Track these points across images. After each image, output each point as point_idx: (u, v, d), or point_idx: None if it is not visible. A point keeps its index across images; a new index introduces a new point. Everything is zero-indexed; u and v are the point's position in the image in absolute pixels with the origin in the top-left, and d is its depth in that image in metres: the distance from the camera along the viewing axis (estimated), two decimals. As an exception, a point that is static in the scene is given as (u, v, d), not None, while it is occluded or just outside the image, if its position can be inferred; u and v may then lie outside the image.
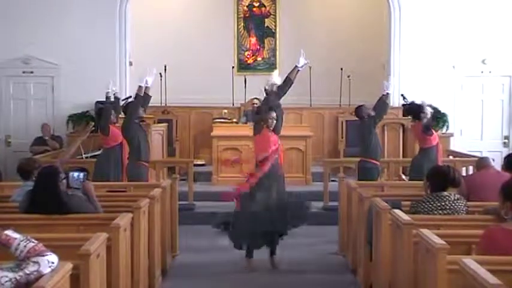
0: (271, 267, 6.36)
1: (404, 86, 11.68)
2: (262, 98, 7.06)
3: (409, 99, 11.44)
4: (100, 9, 11.43)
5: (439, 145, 7.94)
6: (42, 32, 11.34)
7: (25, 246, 2.92)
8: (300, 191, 9.09)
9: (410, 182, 7.61)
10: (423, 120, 7.76)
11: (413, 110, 8.19)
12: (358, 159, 8.05)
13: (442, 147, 8.23)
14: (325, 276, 6.32)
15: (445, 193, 4.82)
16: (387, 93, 8.01)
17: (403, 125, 10.77)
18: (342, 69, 12.21)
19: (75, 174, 5.09)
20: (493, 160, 7.69)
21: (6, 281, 2.76)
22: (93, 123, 7.17)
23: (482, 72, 11.75)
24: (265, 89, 6.77)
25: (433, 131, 7.91)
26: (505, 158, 6.28)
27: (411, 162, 8.16)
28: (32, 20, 11.33)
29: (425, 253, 3.75)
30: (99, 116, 7.85)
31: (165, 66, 11.80)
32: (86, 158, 8.38)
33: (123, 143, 7.38)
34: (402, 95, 11.56)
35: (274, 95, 6.74)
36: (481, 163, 6.23)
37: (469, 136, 11.73)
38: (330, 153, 11.43)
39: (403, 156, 10.49)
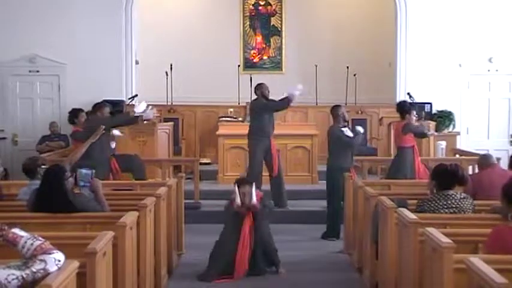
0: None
1: (410, 84, 11.67)
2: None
3: (415, 98, 11.49)
4: (106, 8, 11.44)
5: (415, 147, 8.24)
6: (48, 31, 11.36)
7: (32, 244, 2.93)
8: (306, 190, 9.16)
9: (416, 180, 7.61)
10: (407, 120, 8.13)
11: (402, 107, 8.39)
12: (363, 157, 8.17)
13: (417, 150, 8.45)
14: (331, 275, 6.31)
15: (451, 192, 4.81)
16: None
17: (409, 124, 10.74)
18: (347, 67, 12.18)
19: (84, 171, 5.10)
20: (500, 159, 7.70)
21: (13, 279, 2.77)
22: (103, 126, 7.19)
23: (488, 70, 11.71)
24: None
25: (410, 133, 8.14)
26: (511, 156, 6.25)
27: (391, 162, 8.45)
28: (37, 20, 11.34)
29: (431, 252, 3.74)
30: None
31: (171, 65, 11.81)
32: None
33: None
34: (408, 93, 11.57)
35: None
36: (485, 161, 6.14)
37: (476, 134, 11.69)
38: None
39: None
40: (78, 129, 8.53)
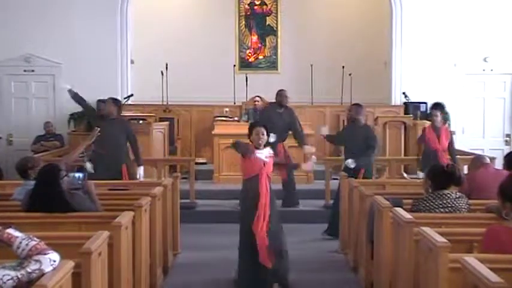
0: None
1: (406, 84, 11.71)
2: None
3: (411, 97, 11.52)
4: (101, 8, 11.43)
5: (438, 152, 8.06)
6: (44, 30, 11.34)
7: (27, 244, 2.92)
8: (301, 190, 9.16)
9: (411, 180, 7.63)
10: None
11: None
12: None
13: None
14: (326, 275, 6.31)
15: (447, 191, 4.82)
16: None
17: (404, 123, 10.76)
18: (343, 67, 12.20)
19: (76, 175, 5.10)
20: (495, 158, 7.70)
21: (8, 280, 2.76)
22: (98, 129, 7.15)
23: (483, 70, 11.74)
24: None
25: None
26: (505, 156, 6.24)
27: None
28: (33, 19, 11.33)
29: (426, 251, 3.75)
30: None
31: (167, 65, 11.81)
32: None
33: None
34: (404, 93, 11.62)
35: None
36: (478, 162, 6.13)
37: (471, 134, 11.73)
38: (331, 151, 11.43)
39: (405, 155, 10.48)
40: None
